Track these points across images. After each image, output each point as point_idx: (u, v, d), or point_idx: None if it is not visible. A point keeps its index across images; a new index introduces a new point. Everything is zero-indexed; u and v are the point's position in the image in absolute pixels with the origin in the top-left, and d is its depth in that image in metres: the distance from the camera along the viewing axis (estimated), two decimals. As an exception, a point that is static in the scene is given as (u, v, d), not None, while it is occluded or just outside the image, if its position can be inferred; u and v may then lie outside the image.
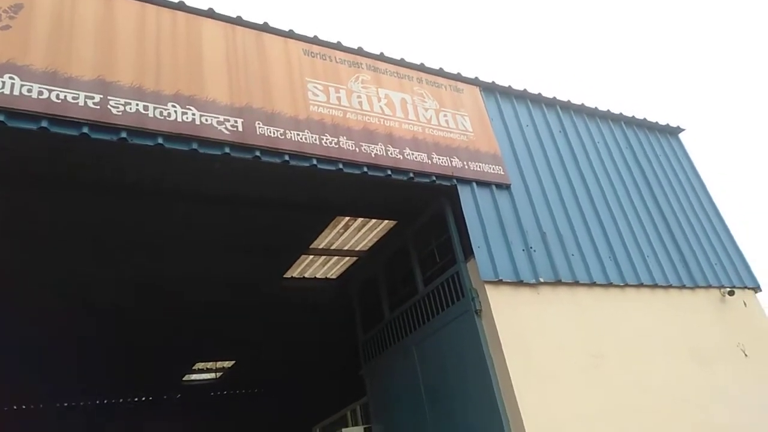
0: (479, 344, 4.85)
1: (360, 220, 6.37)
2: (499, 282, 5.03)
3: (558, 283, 5.35)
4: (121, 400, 15.55)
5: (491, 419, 4.60)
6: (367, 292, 7.04)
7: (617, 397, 5.00)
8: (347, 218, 6.32)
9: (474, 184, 5.50)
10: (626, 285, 5.78)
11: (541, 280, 5.24)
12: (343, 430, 6.42)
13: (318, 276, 7.71)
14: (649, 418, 5.03)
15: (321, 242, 6.81)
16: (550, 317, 5.12)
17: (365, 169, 4.94)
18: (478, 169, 5.60)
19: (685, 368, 5.59)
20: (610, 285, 5.67)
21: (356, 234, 6.65)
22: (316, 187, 5.46)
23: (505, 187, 5.69)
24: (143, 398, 15.62)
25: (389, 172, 5.06)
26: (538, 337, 4.94)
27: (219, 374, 13.85)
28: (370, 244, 6.85)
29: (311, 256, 7.19)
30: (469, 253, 5.18)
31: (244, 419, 17.02)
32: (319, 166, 4.74)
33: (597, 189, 6.39)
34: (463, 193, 5.39)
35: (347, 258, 7.23)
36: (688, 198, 7.26)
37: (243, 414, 16.94)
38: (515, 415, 4.48)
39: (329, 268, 7.53)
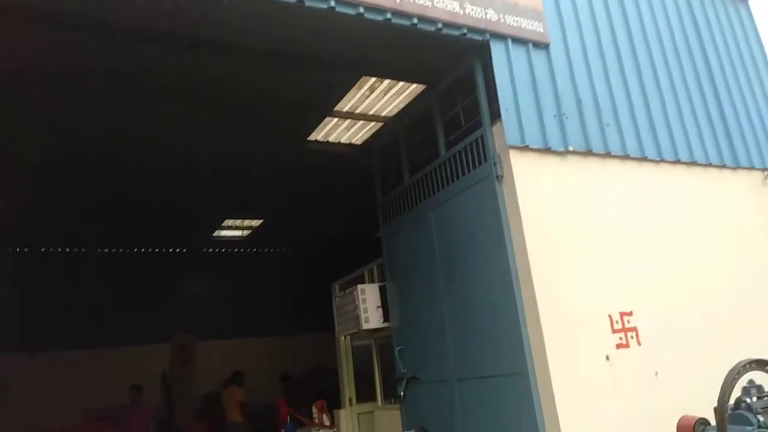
0: (497, 211, 4.67)
1: (387, 82, 5.99)
2: (525, 148, 4.72)
3: (588, 153, 5.01)
4: (156, 250, 16.38)
5: (503, 287, 4.54)
6: (388, 156, 6.82)
7: (639, 274, 4.85)
8: (373, 79, 5.95)
9: (509, 41, 4.99)
10: (662, 160, 5.40)
11: (571, 148, 4.90)
12: (359, 286, 6.54)
13: (342, 141, 7.55)
14: (671, 297, 4.92)
15: (346, 104, 6.53)
16: (575, 188, 4.85)
17: (389, 16, 4.47)
18: (515, 24, 5.05)
19: (715, 250, 5.37)
20: (644, 159, 5.31)
21: (382, 98, 6.30)
22: (338, 41, 5.05)
23: (543, 46, 5.16)
24: (177, 250, 16.40)
25: (415, 21, 4.58)
26: (560, 208, 4.71)
27: (247, 232, 14.28)
28: (395, 110, 6.52)
29: (336, 119, 6.95)
30: (496, 116, 4.83)
31: (269, 276, 17.88)
32: (337, 9, 4.29)
33: (645, 55, 5.78)
34: (496, 50, 4.90)
35: (372, 123, 6.97)
36: (746, 72, 6.58)
37: (268, 271, 17.77)
38: (528, 284, 4.40)
39: (353, 134, 7.31)
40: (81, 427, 10.93)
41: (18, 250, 14.56)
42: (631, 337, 4.60)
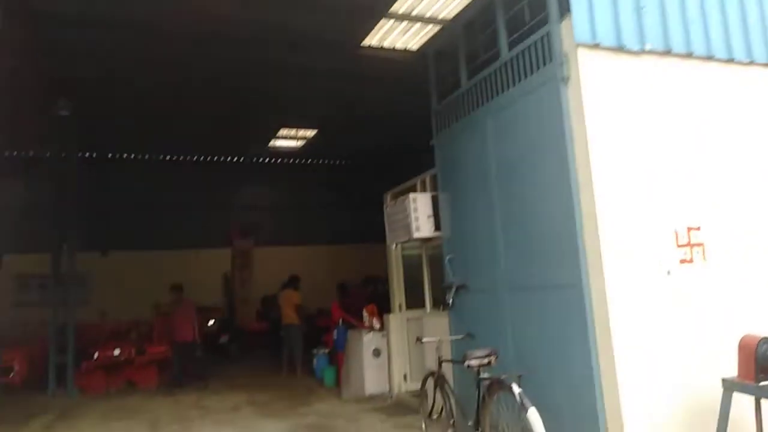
0: (561, 116, 4.34)
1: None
2: (596, 46, 4.29)
3: (667, 53, 4.52)
4: (218, 158, 16.74)
5: (562, 196, 4.30)
6: (444, 61, 6.44)
7: (712, 188, 4.49)
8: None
9: None
10: (752, 63, 4.83)
11: (648, 47, 4.42)
12: (411, 194, 6.43)
13: (397, 47, 7.18)
14: (743, 213, 4.57)
15: (402, 5, 6.15)
16: (649, 93, 4.43)
17: None
18: None
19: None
20: (731, 61, 4.76)
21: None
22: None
23: (622, -72, 4.56)
24: (237, 159, 16.69)
25: None
26: (630, 114, 4.33)
27: (301, 143, 14.28)
28: (454, 12, 6.07)
29: (392, 21, 6.58)
30: (565, 10, 4.38)
31: (324, 187, 18.05)
32: None
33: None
34: (569, -67, 4.38)
35: (429, 27, 6.55)
36: None
37: (323, 182, 17.92)
38: (588, 195, 4.14)
39: (409, 38, 6.92)
40: (150, 320, 11.65)
41: (94, 155, 15.20)
42: (697, 253, 4.33)
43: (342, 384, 8.32)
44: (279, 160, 17.13)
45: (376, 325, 8.16)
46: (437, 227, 6.26)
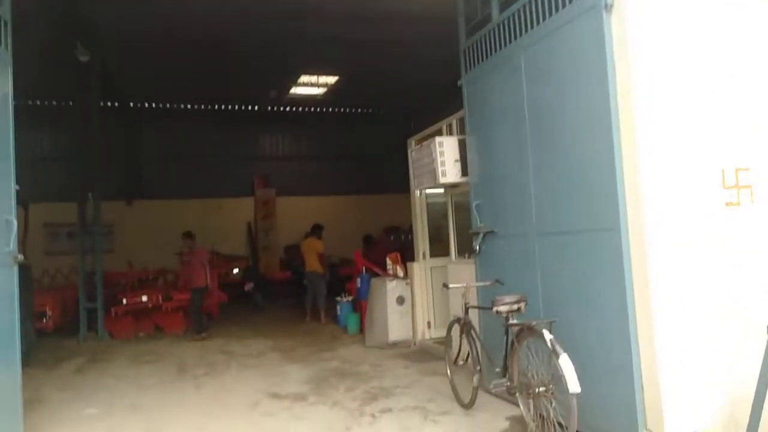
0: (602, 49, 3.98)
1: None
2: (643, -32, 3.91)
3: (723, -24, 4.11)
4: (240, 107, 16.52)
5: (601, 136, 4.00)
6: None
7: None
8: None
9: None
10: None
11: (700, -30, 4.02)
12: (437, 138, 6.17)
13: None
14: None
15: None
16: (704, 19, 4.04)
17: None
18: None
19: None
20: (792, -14, 4.32)
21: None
22: None
23: None
24: (256, 108, 16.43)
25: None
26: (679, 45, 3.96)
27: (322, 90, 13.95)
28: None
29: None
30: (609, -71, 3.97)
31: (345, 136, 17.77)
32: None
33: None
34: None
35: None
36: None
37: (345, 131, 17.63)
38: (630, 134, 3.84)
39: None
40: (175, 268, 11.75)
41: (116, 105, 15.11)
42: (745, 196, 4.04)
43: (365, 331, 8.31)
44: (301, 109, 16.84)
45: (400, 273, 8.06)
46: (464, 172, 6.02)
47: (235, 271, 14.58)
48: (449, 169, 6.08)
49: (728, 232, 3.97)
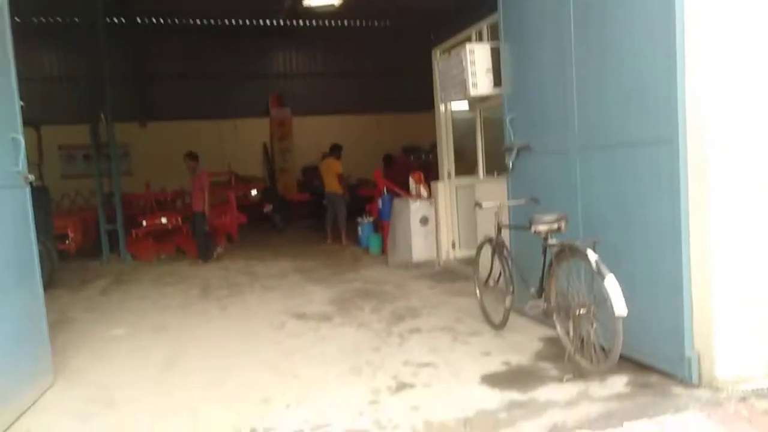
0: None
1: None
2: None
3: None
4: (249, 23, 15.77)
5: (661, 38, 3.52)
6: None
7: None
8: None
9: None
10: None
11: None
12: (467, 45, 5.67)
13: None
14: None
15: None
16: None
17: None
18: None
19: None
20: None
21: None
22: None
23: None
24: (270, 23, 15.67)
25: None
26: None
27: (339, 1, 13.13)
28: None
29: None
30: None
31: (363, 51, 16.99)
32: None
33: None
34: None
35: None
36: None
37: (362, 46, 16.82)
38: (694, 33, 3.38)
39: None
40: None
41: (123, 21, 14.48)
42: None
43: (388, 252, 8.18)
44: (316, 23, 16.04)
45: (424, 193, 7.79)
46: (496, 83, 5.57)
47: (254, 192, 14.43)
48: (480, 80, 5.63)
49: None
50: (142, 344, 5.20)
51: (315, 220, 13.28)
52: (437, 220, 7.69)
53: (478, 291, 5.23)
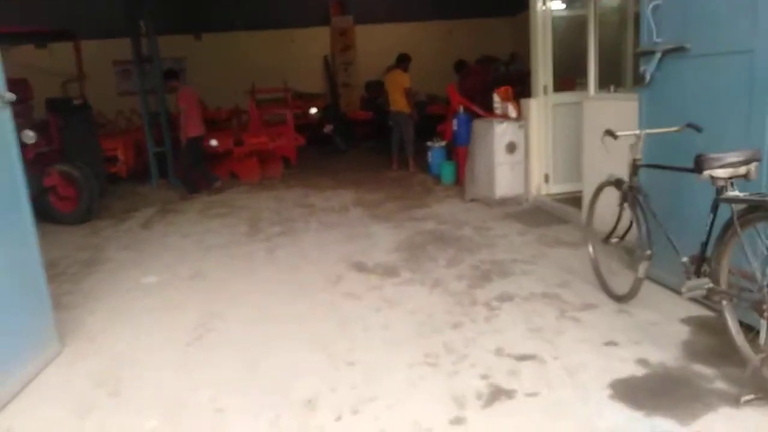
0: None
1: None
2: None
3: None
4: None
5: None
6: None
7: None
8: None
9: None
10: None
11: None
12: None
13: None
14: None
15: None
16: None
17: None
18: None
19: None
20: None
21: None
22: None
23: None
24: None
25: None
26: None
27: None
28: None
29: None
30: None
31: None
32: None
33: None
34: None
35: None
36: None
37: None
38: None
39: None
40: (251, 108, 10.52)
41: None
42: None
43: (465, 184, 6.90)
44: None
45: (512, 112, 6.35)
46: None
47: (313, 110, 13.24)
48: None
49: None
50: (173, 300, 4.34)
51: (379, 141, 12.03)
52: (527, 147, 6.29)
53: (591, 248, 3.96)
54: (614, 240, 3.70)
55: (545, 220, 5.71)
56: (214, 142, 9.05)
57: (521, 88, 9.54)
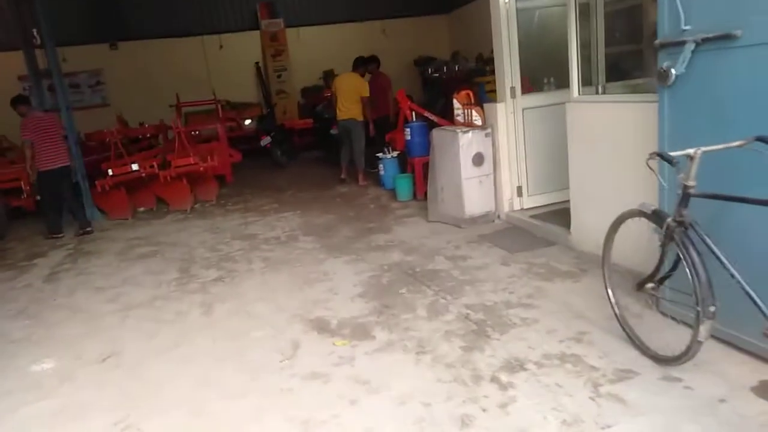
0: None
1: None
2: None
3: None
4: None
5: None
6: None
7: None
8: None
9: None
10: None
11: None
12: None
13: None
14: None
15: None
16: None
17: None
18: None
19: None
20: None
21: None
22: None
23: None
24: None
25: None
26: None
27: None
28: None
29: None
30: None
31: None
32: None
33: None
34: None
35: None
36: None
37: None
38: None
39: None
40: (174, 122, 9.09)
41: None
42: None
43: (429, 202, 5.91)
44: None
45: (477, 120, 5.41)
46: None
47: (248, 122, 11.95)
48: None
49: None
50: (71, 402, 3.10)
51: (322, 151, 10.90)
52: (496, 158, 5.37)
53: (611, 294, 3.05)
54: (650, 286, 2.79)
55: (527, 243, 4.80)
56: (134, 166, 7.65)
57: (468, 87, 8.66)
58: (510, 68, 5.11)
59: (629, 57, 4.64)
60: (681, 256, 2.50)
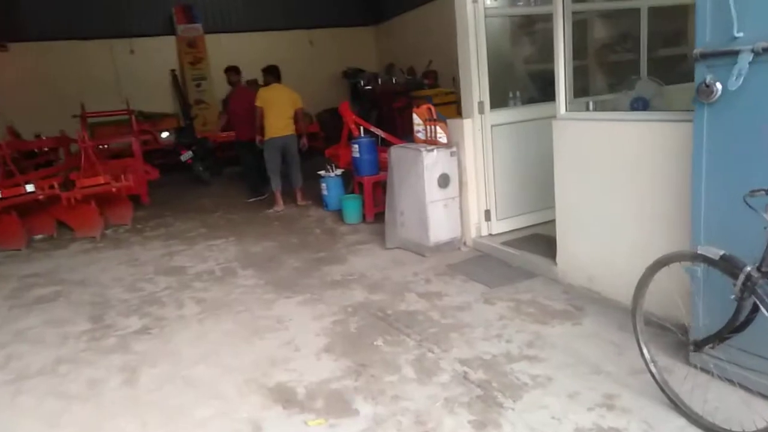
0: None
1: None
2: None
3: None
4: None
5: None
6: None
7: None
8: None
9: None
10: None
11: None
12: None
13: None
14: None
15: None
16: None
17: None
18: None
19: None
20: None
21: None
22: None
23: None
24: None
25: None
26: None
27: None
28: None
29: None
30: None
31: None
32: None
33: None
34: None
35: None
36: None
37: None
38: None
39: None
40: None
41: None
42: None
43: (386, 227, 5.19)
44: None
45: (442, 137, 4.80)
46: None
47: (165, 134, 10.66)
48: None
49: None
50: None
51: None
52: (461, 179, 4.79)
53: (647, 353, 2.50)
54: (709, 347, 2.27)
55: (505, 275, 4.22)
56: (30, 187, 6.32)
57: (409, 102, 8.16)
58: (478, 81, 4.55)
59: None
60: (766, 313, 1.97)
